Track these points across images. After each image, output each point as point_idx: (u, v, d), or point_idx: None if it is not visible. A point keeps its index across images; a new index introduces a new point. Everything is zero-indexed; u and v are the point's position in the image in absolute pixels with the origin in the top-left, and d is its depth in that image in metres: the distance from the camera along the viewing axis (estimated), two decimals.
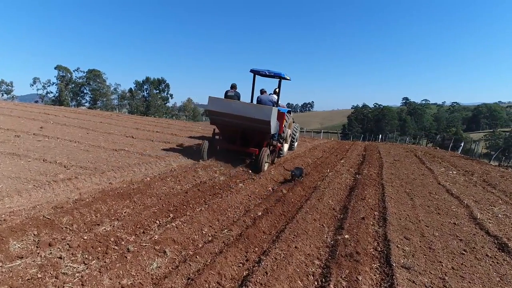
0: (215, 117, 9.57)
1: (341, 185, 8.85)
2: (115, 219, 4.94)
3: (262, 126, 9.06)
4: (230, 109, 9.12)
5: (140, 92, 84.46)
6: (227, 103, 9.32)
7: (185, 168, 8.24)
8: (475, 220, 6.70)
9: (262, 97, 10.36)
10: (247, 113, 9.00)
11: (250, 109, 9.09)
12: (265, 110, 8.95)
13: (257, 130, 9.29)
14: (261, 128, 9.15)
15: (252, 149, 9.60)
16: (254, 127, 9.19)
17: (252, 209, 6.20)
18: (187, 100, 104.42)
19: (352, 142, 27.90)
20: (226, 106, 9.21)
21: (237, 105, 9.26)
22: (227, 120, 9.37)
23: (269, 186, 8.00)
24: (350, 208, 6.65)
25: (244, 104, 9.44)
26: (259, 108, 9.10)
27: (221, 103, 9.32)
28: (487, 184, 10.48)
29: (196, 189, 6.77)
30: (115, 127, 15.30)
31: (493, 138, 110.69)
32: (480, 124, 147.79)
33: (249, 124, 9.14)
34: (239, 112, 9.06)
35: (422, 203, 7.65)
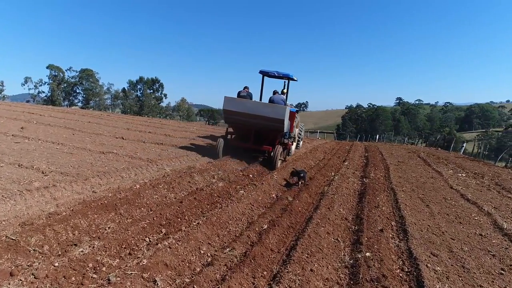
0: (230, 116, 9.79)
1: (350, 190, 8.14)
2: (96, 237, 4.16)
3: (276, 124, 9.39)
4: (245, 108, 9.41)
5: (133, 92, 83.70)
6: (242, 102, 9.60)
7: (179, 173, 7.46)
8: (502, 231, 6.05)
9: (274, 97, 10.45)
10: (262, 112, 9.32)
11: (264, 108, 9.41)
12: (279, 109, 9.29)
13: (271, 129, 9.61)
14: (274, 126, 9.47)
15: (265, 147, 9.85)
16: (268, 125, 9.50)
17: (256, 221, 5.45)
18: (181, 100, 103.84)
19: (351, 142, 27.29)
20: (241, 106, 9.49)
21: (252, 104, 9.58)
22: (241, 119, 9.64)
23: (273, 193, 7.25)
24: (364, 218, 5.94)
25: (258, 104, 9.83)
26: (274, 107, 9.41)
27: (236, 103, 9.59)
28: (501, 187, 9.86)
29: (192, 197, 5.99)
30: (105, 127, 14.42)
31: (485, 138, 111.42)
32: (473, 124, 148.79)
33: (263, 122, 9.43)
34: (254, 111, 9.35)
35: (440, 211, 6.97)
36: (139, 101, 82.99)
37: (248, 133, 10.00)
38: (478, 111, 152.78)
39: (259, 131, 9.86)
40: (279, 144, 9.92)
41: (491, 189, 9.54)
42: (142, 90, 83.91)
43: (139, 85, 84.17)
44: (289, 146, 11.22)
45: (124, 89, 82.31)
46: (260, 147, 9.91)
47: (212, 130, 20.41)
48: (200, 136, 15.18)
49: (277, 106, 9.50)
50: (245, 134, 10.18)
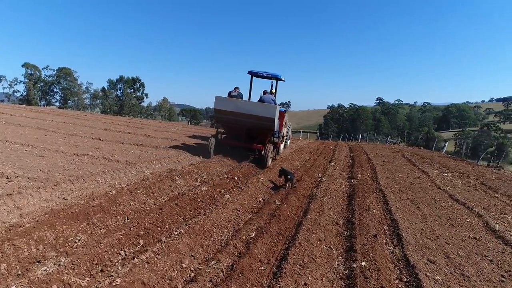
0: (221, 116, 9.87)
1: (338, 192, 7.88)
2: (63, 252, 3.69)
3: (266, 123, 9.52)
4: (236, 108, 9.52)
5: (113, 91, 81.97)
6: (233, 102, 9.72)
7: (160, 176, 6.99)
8: (495, 233, 5.90)
9: (264, 97, 10.50)
10: (253, 111, 9.44)
11: (255, 107, 9.55)
12: (270, 108, 9.46)
13: (262, 128, 9.72)
14: (265, 125, 9.59)
15: (256, 146, 9.95)
16: (259, 124, 9.60)
17: (243, 228, 5.07)
18: (162, 100, 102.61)
19: (335, 142, 27.27)
20: (232, 105, 9.60)
21: (243, 103, 9.76)
22: (233, 118, 9.70)
23: (260, 196, 6.89)
24: (356, 222, 5.66)
25: (249, 103, 10.14)
26: (264, 107, 9.57)
27: (227, 102, 9.69)
28: (487, 187, 9.84)
29: (173, 203, 5.56)
30: (81, 127, 13.70)
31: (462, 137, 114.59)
32: (450, 123, 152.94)
33: (254, 121, 9.52)
34: (245, 110, 9.47)
35: (432, 213, 6.78)
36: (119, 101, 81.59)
37: (239, 132, 10.07)
38: (455, 111, 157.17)
39: (250, 130, 9.93)
40: (270, 142, 10.08)
41: (477, 189, 9.50)
42: (123, 90, 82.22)
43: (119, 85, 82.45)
44: (279, 145, 11.44)
45: (104, 89, 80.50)
46: (251, 146, 10.00)
47: (194, 130, 19.89)
48: (182, 137, 14.67)
49: (267, 106, 9.66)
50: (236, 133, 10.24)
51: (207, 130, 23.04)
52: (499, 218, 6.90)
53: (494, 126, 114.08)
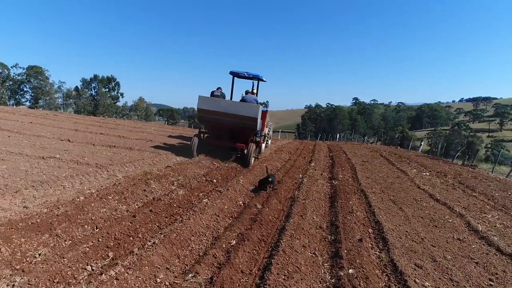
0: (204, 115, 9.88)
1: (320, 194, 7.70)
2: (20, 270, 3.27)
3: (249, 123, 9.59)
4: (219, 107, 9.58)
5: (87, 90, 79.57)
6: (216, 101, 9.79)
7: (133, 180, 6.57)
8: (478, 234, 5.87)
9: (246, 96, 10.63)
10: (236, 111, 9.52)
11: (238, 107, 9.65)
12: (252, 108, 9.57)
13: (244, 127, 9.78)
14: (248, 125, 9.66)
15: (239, 145, 10.06)
16: (242, 124, 9.66)
17: (223, 235, 4.76)
18: (139, 99, 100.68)
19: (314, 142, 27.33)
20: (215, 104, 9.64)
21: (226, 103, 9.86)
22: (216, 118, 9.74)
23: (240, 200, 6.59)
24: (340, 226, 5.47)
25: (232, 102, 10.26)
26: (247, 106, 9.68)
27: (211, 102, 9.74)
28: (465, 186, 9.97)
29: (147, 209, 5.18)
30: (49, 128, 12.92)
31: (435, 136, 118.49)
32: (423, 123, 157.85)
33: (237, 121, 9.59)
34: (228, 110, 9.54)
35: (414, 214, 6.71)
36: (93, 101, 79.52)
37: (222, 131, 10.18)
38: (427, 110, 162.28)
39: (233, 129, 9.99)
40: (252, 142, 10.24)
41: (456, 188, 9.59)
42: (97, 89, 79.90)
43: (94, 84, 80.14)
44: (261, 144, 11.68)
45: (77, 88, 78.01)
46: (234, 145, 10.12)
47: (171, 131, 19.33)
48: (159, 137, 14.15)
49: (250, 105, 9.78)
50: (219, 133, 10.32)
51: (184, 131, 22.50)
52: (480, 217, 6.92)
53: (464, 126, 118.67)
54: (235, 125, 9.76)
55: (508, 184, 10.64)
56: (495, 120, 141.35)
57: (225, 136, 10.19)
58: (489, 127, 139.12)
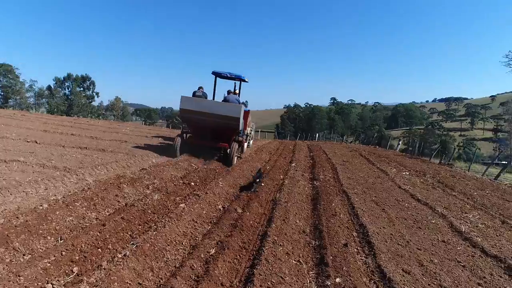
0: (187, 115, 9.91)
1: (302, 196, 7.50)
2: None
3: (232, 122, 9.67)
4: (201, 107, 9.61)
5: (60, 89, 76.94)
6: (199, 101, 9.91)
7: (105, 185, 6.13)
8: (462, 235, 5.82)
9: (229, 96, 10.74)
10: (218, 111, 9.56)
11: (220, 107, 9.74)
12: (235, 108, 9.70)
13: (227, 127, 9.85)
14: (230, 124, 9.74)
15: (222, 144, 10.15)
16: (225, 123, 9.70)
17: (201, 243, 4.44)
18: (115, 99, 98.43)
19: (294, 142, 27.28)
20: (198, 105, 9.70)
21: (208, 103, 9.99)
22: (198, 118, 9.73)
23: (219, 204, 6.28)
24: (324, 230, 5.27)
25: (215, 103, 10.36)
26: (229, 106, 9.80)
27: (193, 102, 9.83)
28: (444, 185, 10.05)
29: (119, 217, 4.79)
30: (15, 129, 12.11)
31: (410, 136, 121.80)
32: (398, 122, 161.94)
33: (220, 121, 9.61)
34: (211, 110, 9.56)
35: (397, 215, 6.61)
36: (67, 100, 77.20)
37: (205, 131, 10.21)
38: (403, 110, 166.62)
39: (216, 129, 10.02)
40: (235, 141, 10.26)
41: (435, 188, 9.64)
42: (71, 88, 77.16)
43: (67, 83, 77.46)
44: (243, 143, 11.77)
45: (50, 87, 75.17)
46: (217, 145, 10.24)
47: (148, 131, 18.74)
48: (134, 138, 13.61)
49: (233, 105, 9.92)
50: (202, 132, 10.36)
51: (161, 131, 21.93)
52: (462, 218, 6.91)
53: (437, 125, 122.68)
54: (218, 124, 9.76)
55: (484, 183, 10.83)
56: (466, 120, 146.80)
57: (208, 135, 10.22)
58: (461, 126, 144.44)
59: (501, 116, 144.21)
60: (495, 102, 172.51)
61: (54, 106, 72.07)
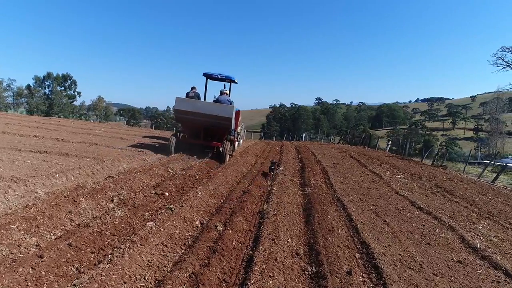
0: (181, 115, 10.31)
1: (293, 206, 6.61)
2: None
3: (224, 122, 10.09)
4: (195, 108, 10.01)
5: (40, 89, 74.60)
6: (193, 102, 10.31)
7: (57, 198, 5.09)
8: (477, 252, 5.06)
9: (221, 97, 11.00)
10: (211, 111, 10.01)
11: (213, 108, 10.16)
12: (227, 108, 10.14)
13: (220, 126, 10.30)
14: (223, 124, 10.17)
15: (215, 143, 10.63)
16: (217, 123, 10.15)
17: (170, 277, 3.46)
18: (97, 99, 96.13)
19: (280, 142, 26.49)
20: (191, 105, 10.10)
21: (202, 104, 10.44)
22: (192, 118, 10.15)
23: (197, 219, 5.32)
24: (321, 252, 4.39)
25: (208, 103, 10.75)
26: (222, 107, 10.20)
27: (187, 103, 10.22)
28: (443, 190, 9.36)
29: (65, 243, 3.76)
30: None
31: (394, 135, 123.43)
32: (383, 122, 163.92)
33: (213, 120, 10.06)
34: (204, 110, 10.01)
35: (402, 228, 5.81)
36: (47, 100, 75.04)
37: (198, 130, 10.65)
38: (386, 110, 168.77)
39: (208, 128, 10.49)
40: (227, 140, 10.65)
41: (435, 193, 8.92)
42: (51, 87, 74.86)
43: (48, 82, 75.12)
44: (234, 142, 12.19)
45: (29, 86, 72.73)
46: (210, 144, 10.69)
47: (125, 132, 17.54)
48: (107, 140, 12.46)
49: (225, 106, 10.33)
50: (195, 132, 10.76)
51: (140, 131, 20.68)
52: (471, 229, 6.16)
53: (420, 125, 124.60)
54: (211, 124, 10.24)
55: (484, 187, 10.22)
56: (448, 120, 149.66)
57: (201, 135, 10.68)
58: (443, 126, 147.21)
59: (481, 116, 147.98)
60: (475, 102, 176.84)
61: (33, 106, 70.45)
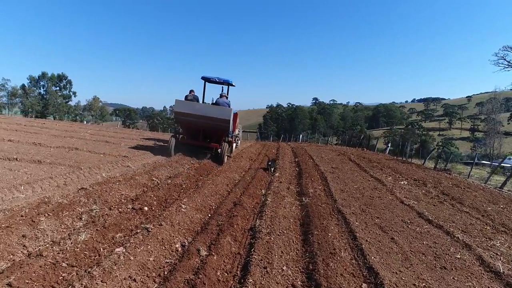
0: (180, 117, 10.59)
1: (289, 220, 5.89)
2: None
3: (222, 124, 10.35)
4: (194, 110, 10.31)
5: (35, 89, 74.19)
6: (192, 104, 10.62)
7: (12, 218, 4.33)
8: (501, 278, 4.38)
9: (219, 100, 11.31)
10: (210, 113, 10.28)
11: (212, 110, 10.44)
12: (225, 111, 10.38)
13: (218, 128, 10.56)
14: (221, 126, 10.42)
15: (213, 144, 10.89)
16: (216, 125, 10.43)
17: None
18: (93, 99, 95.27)
19: (277, 144, 25.79)
20: (191, 108, 10.39)
21: (201, 106, 10.75)
22: (191, 120, 10.42)
23: (177, 241, 4.57)
24: (322, 284, 3.68)
25: (207, 106, 11.15)
26: (220, 109, 10.44)
27: (187, 105, 10.52)
28: (451, 198, 8.69)
29: (5, 282, 3.03)
30: None
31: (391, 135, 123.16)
32: (379, 122, 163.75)
33: (211, 123, 10.34)
34: (203, 112, 10.29)
35: (412, 248, 5.10)
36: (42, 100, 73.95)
37: (197, 132, 10.90)
38: (383, 110, 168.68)
39: (207, 130, 10.77)
40: (225, 141, 10.89)
41: (443, 202, 8.23)
42: (46, 87, 74.61)
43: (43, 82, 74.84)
44: (232, 144, 12.38)
45: (24, 86, 72.23)
46: (209, 145, 10.96)
47: (113, 134, 16.71)
48: (90, 144, 11.67)
49: (223, 108, 10.57)
50: (194, 133, 11.00)
51: (129, 133, 19.80)
52: (488, 247, 5.47)
53: (417, 125, 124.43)
54: (210, 126, 10.52)
55: (494, 194, 9.54)
56: (444, 120, 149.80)
57: (200, 136, 10.93)
58: (439, 126, 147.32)
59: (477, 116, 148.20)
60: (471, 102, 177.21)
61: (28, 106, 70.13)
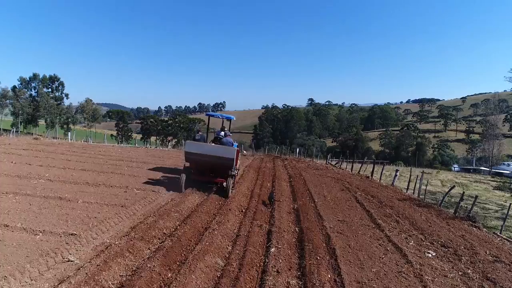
0: (190, 157, 11.89)
1: None
2: None
3: (227, 162, 11.66)
4: (203, 150, 11.74)
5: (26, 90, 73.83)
6: (201, 145, 12.20)
7: None
8: None
9: (224, 139, 12.72)
10: (217, 153, 11.71)
11: (218, 150, 11.88)
12: (230, 150, 11.85)
13: (223, 165, 11.75)
14: (226, 163, 11.69)
15: (219, 179, 12.09)
16: (221, 163, 11.69)
17: None
18: (85, 100, 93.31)
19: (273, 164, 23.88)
20: (199, 148, 11.88)
21: (208, 147, 12.12)
22: (199, 159, 11.76)
23: None
24: None
25: (213, 146, 12.29)
26: (226, 149, 11.94)
27: (196, 146, 12.06)
28: (495, 285, 6.76)
29: None
30: None
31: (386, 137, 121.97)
32: (375, 123, 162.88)
33: (217, 161, 11.67)
34: (211, 152, 11.70)
35: None
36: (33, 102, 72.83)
37: (205, 168, 12.16)
38: (378, 111, 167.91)
39: (213, 167, 11.96)
40: (229, 176, 11.77)
41: None
42: (38, 89, 74.41)
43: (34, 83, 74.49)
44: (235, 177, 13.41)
45: (15, 87, 71.91)
46: (215, 180, 12.11)
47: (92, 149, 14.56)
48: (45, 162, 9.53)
49: (228, 148, 11.98)
50: (202, 169, 12.22)
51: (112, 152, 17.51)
52: None
53: (413, 127, 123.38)
54: (216, 163, 11.71)
55: None
56: (440, 121, 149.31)
57: (208, 172, 12.21)
58: (435, 127, 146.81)
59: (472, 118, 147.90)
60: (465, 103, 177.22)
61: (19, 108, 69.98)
